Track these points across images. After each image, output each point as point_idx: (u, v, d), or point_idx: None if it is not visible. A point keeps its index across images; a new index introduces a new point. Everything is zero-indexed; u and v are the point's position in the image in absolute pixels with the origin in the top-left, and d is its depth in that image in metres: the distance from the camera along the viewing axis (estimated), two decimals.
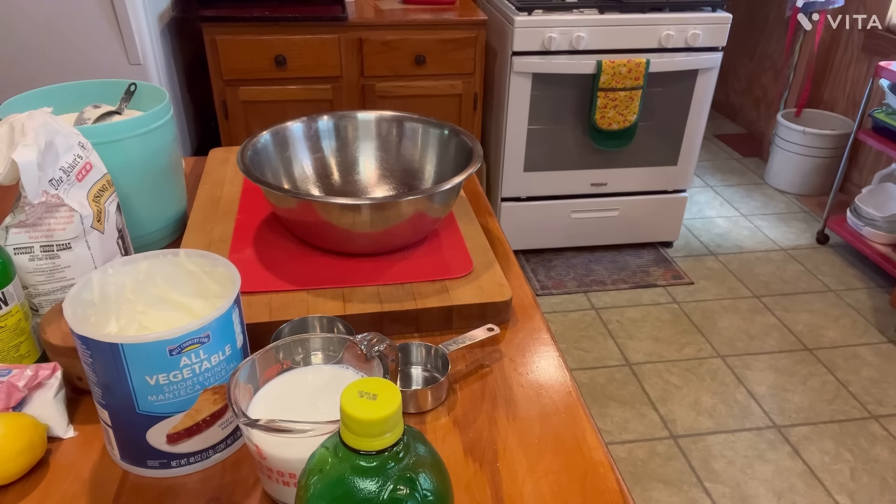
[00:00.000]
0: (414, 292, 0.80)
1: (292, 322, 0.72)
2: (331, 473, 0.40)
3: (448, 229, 0.93)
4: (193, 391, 0.57)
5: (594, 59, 2.24)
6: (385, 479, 0.39)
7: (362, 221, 0.80)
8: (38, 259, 0.70)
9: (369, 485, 0.38)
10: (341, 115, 1.01)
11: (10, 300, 0.66)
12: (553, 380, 0.73)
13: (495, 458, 0.63)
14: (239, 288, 0.59)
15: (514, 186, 2.48)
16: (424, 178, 0.99)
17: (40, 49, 1.87)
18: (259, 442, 0.53)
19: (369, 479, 0.38)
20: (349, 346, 0.60)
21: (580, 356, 2.16)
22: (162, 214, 0.93)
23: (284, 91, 2.23)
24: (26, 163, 0.65)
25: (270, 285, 0.80)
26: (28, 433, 0.59)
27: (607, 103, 2.30)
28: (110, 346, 0.53)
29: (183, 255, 0.65)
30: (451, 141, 0.96)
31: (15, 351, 0.68)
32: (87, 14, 1.83)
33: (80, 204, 0.70)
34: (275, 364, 0.59)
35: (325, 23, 2.15)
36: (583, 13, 2.23)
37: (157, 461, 0.60)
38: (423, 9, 2.31)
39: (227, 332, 0.58)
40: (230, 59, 2.15)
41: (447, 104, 2.36)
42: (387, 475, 0.39)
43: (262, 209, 0.96)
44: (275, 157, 0.95)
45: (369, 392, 0.39)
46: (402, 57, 2.25)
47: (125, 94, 0.95)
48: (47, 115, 0.70)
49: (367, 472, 0.39)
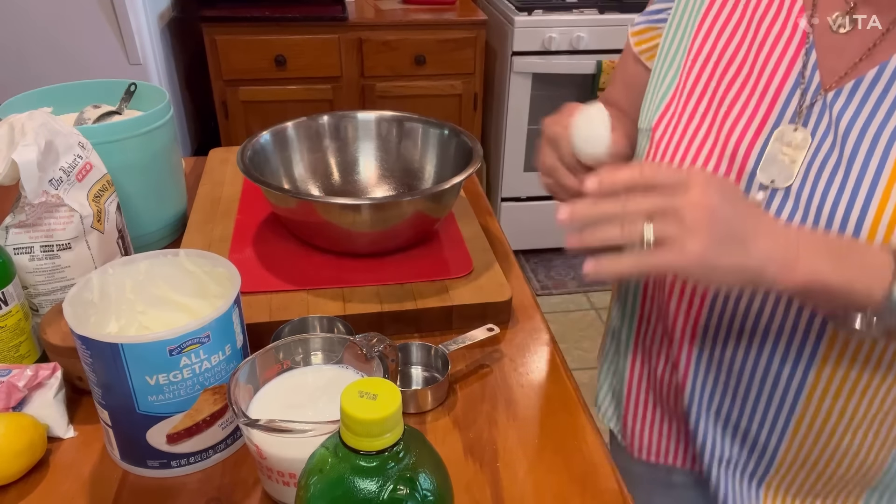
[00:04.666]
0: (414, 292, 0.80)
1: (292, 322, 0.72)
2: (331, 473, 0.40)
3: (448, 229, 0.93)
4: (193, 391, 0.57)
5: (594, 59, 2.24)
6: (385, 479, 0.38)
7: (362, 221, 0.80)
8: (38, 259, 0.70)
9: (369, 485, 0.38)
10: (341, 115, 1.01)
11: (10, 300, 0.66)
12: (553, 380, 0.73)
13: (495, 458, 0.63)
14: (239, 288, 0.59)
15: (514, 186, 2.48)
16: (424, 178, 0.99)
17: (40, 49, 1.87)
18: (259, 442, 0.53)
19: (369, 479, 0.38)
20: (349, 346, 0.60)
21: (580, 356, 2.16)
22: (162, 214, 0.93)
23: (284, 91, 2.23)
24: (26, 163, 0.65)
25: (270, 285, 0.80)
26: (28, 433, 0.59)
27: None
28: (110, 346, 0.53)
29: (183, 255, 0.65)
30: (451, 141, 0.96)
31: (15, 351, 0.68)
32: (87, 14, 1.83)
33: (80, 204, 0.70)
34: (275, 364, 0.59)
35: (325, 23, 2.15)
36: (583, 13, 2.23)
37: (157, 461, 0.60)
38: (423, 9, 2.31)
39: (227, 332, 0.58)
40: (230, 59, 2.15)
41: (447, 104, 2.36)
42: (387, 475, 0.39)
43: (262, 209, 0.96)
44: (275, 157, 0.95)
45: (369, 392, 0.39)
46: (402, 57, 2.25)
47: (125, 94, 0.95)
48: (47, 115, 0.70)
49: (367, 472, 0.39)
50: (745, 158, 0.62)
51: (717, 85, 0.65)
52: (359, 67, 2.25)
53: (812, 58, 0.61)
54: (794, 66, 0.61)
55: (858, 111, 0.58)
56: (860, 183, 0.56)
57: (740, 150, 0.62)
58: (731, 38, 0.65)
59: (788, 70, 0.61)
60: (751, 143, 0.62)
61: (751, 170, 0.62)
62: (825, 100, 0.59)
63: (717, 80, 0.65)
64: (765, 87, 0.62)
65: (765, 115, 0.62)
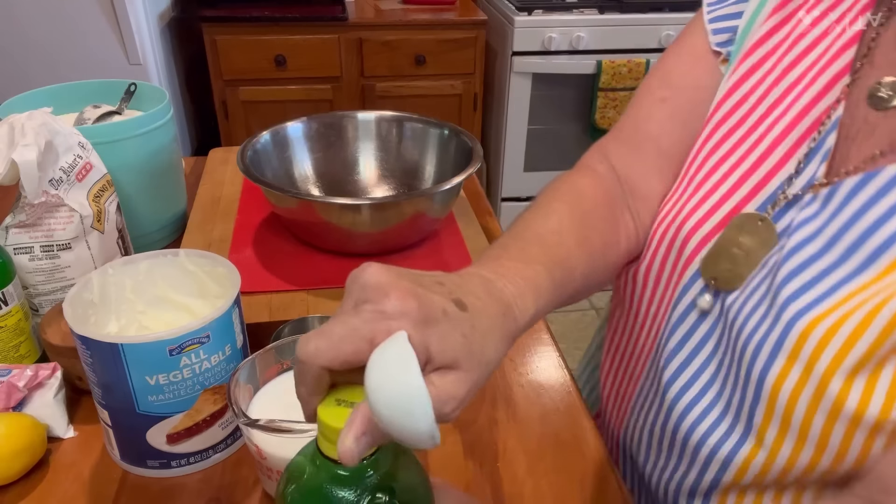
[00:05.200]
0: None
1: (292, 322, 0.72)
2: (308, 483, 0.39)
3: (448, 229, 0.93)
4: (193, 391, 0.57)
5: (594, 59, 2.24)
6: (363, 488, 0.38)
7: (362, 221, 0.80)
8: (38, 259, 0.70)
9: (347, 494, 0.38)
10: (341, 115, 1.01)
11: (10, 300, 0.66)
12: (553, 380, 0.73)
13: (495, 458, 0.63)
14: (239, 288, 0.59)
15: (514, 186, 2.48)
16: (424, 178, 0.99)
17: (40, 49, 1.87)
18: (259, 442, 0.53)
19: (347, 488, 0.38)
20: None
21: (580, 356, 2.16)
22: (162, 214, 0.93)
23: (284, 91, 2.23)
24: (26, 163, 0.64)
25: (270, 285, 0.80)
26: (28, 433, 0.59)
27: (607, 103, 2.30)
28: (110, 346, 0.53)
29: (183, 255, 0.65)
30: (451, 141, 0.96)
31: (15, 351, 0.68)
32: (87, 14, 1.83)
33: (80, 204, 0.70)
34: (275, 364, 0.59)
35: (325, 23, 2.15)
36: (583, 13, 2.23)
37: (157, 461, 0.60)
38: (423, 9, 2.31)
39: (227, 332, 0.58)
40: (230, 59, 2.15)
41: (447, 104, 2.36)
42: (364, 484, 0.38)
43: (262, 209, 0.96)
44: (275, 157, 0.95)
45: (347, 400, 0.38)
46: (402, 57, 2.25)
47: (125, 94, 0.95)
48: (47, 115, 0.70)
49: (345, 480, 0.38)
50: (697, 248, 0.53)
51: (720, 143, 0.54)
52: (359, 67, 2.25)
53: (831, 138, 0.48)
54: (801, 146, 0.50)
55: (861, 215, 0.44)
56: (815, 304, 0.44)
57: (697, 233, 0.53)
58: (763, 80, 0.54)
59: (796, 145, 0.50)
60: (711, 231, 0.52)
61: (696, 260, 0.53)
62: (817, 194, 0.47)
63: (725, 137, 0.54)
64: (759, 159, 0.51)
65: (744, 197, 0.51)
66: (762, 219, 0.50)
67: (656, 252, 0.57)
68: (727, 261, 0.51)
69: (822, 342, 0.43)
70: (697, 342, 0.54)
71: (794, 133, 0.51)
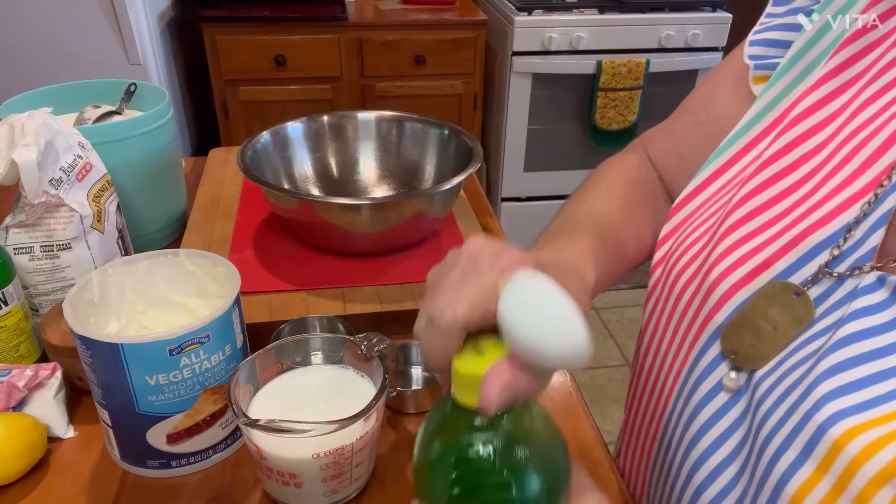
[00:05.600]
0: (414, 292, 0.80)
1: (292, 322, 0.72)
2: (448, 436, 0.38)
3: (448, 229, 0.93)
4: (193, 391, 0.57)
5: (594, 59, 2.24)
6: (502, 439, 0.37)
7: (362, 221, 0.80)
8: (38, 259, 0.70)
9: (486, 446, 0.37)
10: (341, 115, 1.01)
11: (10, 300, 0.66)
12: (553, 380, 0.73)
13: None
14: (239, 288, 0.59)
15: (514, 186, 2.48)
16: (424, 178, 0.99)
17: (40, 49, 1.87)
18: (259, 442, 0.53)
19: (487, 438, 0.37)
20: (349, 346, 0.60)
21: None
22: (162, 214, 0.93)
23: (284, 91, 2.23)
24: (26, 163, 0.64)
25: (270, 285, 0.80)
26: (28, 433, 0.59)
27: (607, 103, 2.30)
28: (110, 346, 0.53)
29: (183, 255, 0.65)
30: (451, 141, 0.96)
31: (15, 351, 0.68)
32: (87, 14, 1.83)
33: (80, 204, 0.70)
34: (275, 364, 0.59)
35: (325, 23, 2.15)
36: (583, 13, 2.24)
37: (157, 461, 0.60)
38: (423, 9, 2.31)
39: (227, 332, 0.58)
40: (230, 59, 2.15)
41: (447, 104, 2.36)
42: (503, 435, 0.37)
43: (262, 209, 0.96)
44: (275, 157, 0.95)
45: (480, 346, 0.37)
46: (402, 57, 2.25)
47: (125, 94, 0.95)
48: (47, 115, 0.70)
49: (482, 429, 0.37)
50: (717, 306, 0.46)
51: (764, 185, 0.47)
52: (359, 67, 2.25)
53: (890, 200, 0.39)
54: (851, 207, 0.41)
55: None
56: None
57: (716, 291, 0.46)
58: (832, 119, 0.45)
59: (847, 204, 0.41)
60: (733, 287, 0.45)
61: (716, 326, 0.46)
62: (885, 281, 0.39)
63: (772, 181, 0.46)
64: (806, 212, 0.43)
65: (774, 255, 0.44)
66: (799, 292, 0.42)
67: (681, 295, 0.51)
68: (751, 334, 0.44)
69: (863, 456, 0.36)
70: (715, 411, 0.47)
71: (850, 188, 0.42)
